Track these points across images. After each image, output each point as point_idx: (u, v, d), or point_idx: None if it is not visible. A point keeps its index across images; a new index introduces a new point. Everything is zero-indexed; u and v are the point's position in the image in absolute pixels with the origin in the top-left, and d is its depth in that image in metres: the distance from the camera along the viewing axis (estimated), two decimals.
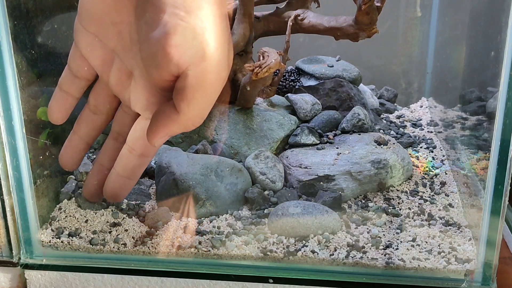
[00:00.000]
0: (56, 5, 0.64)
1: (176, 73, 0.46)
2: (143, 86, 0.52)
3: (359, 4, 0.66)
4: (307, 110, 0.75)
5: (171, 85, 0.48)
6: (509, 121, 0.50)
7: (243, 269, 0.57)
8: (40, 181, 0.61)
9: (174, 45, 0.44)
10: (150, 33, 0.46)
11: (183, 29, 0.44)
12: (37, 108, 0.60)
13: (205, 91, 0.47)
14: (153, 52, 0.46)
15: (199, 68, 0.45)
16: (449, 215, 0.62)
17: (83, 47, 0.52)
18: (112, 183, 0.58)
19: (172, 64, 0.46)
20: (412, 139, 0.80)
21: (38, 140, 0.60)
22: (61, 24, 0.65)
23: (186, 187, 0.62)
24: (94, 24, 0.50)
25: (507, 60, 0.48)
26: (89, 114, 0.58)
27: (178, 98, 0.47)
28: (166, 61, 0.46)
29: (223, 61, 0.47)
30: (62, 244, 0.58)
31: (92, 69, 0.54)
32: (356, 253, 0.56)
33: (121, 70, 0.52)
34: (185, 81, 0.46)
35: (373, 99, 0.90)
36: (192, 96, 0.46)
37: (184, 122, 0.48)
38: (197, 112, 0.48)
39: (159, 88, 0.50)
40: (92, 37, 0.51)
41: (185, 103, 0.47)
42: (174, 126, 0.49)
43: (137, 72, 0.51)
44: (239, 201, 0.65)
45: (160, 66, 0.47)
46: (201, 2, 0.44)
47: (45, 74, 0.62)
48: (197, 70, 0.46)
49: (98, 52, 0.52)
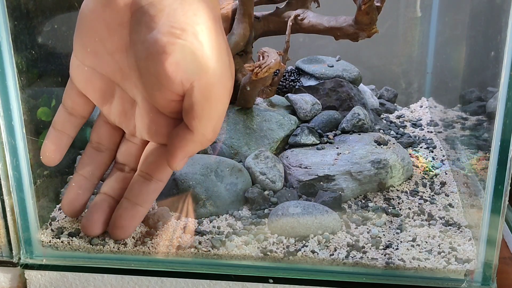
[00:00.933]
0: (56, 5, 0.64)
1: (181, 92, 0.46)
2: (149, 111, 0.51)
3: (359, 4, 0.66)
4: (307, 110, 0.75)
5: (178, 104, 0.48)
6: (509, 121, 0.50)
7: (243, 269, 0.57)
8: (40, 181, 0.61)
9: (174, 64, 0.44)
10: (148, 56, 0.45)
11: (181, 47, 0.44)
12: (37, 108, 0.60)
13: (214, 104, 0.47)
14: (154, 74, 0.46)
15: (203, 83, 0.45)
16: (449, 215, 0.62)
17: (81, 81, 0.52)
18: (123, 213, 0.55)
19: (175, 84, 0.45)
20: (412, 139, 0.80)
21: (38, 140, 0.60)
22: (61, 24, 0.65)
23: (186, 187, 0.62)
24: (90, 57, 0.50)
25: (507, 60, 0.48)
26: (92, 152, 0.57)
27: (188, 117, 0.47)
28: (168, 82, 0.45)
29: (226, 71, 0.46)
30: (62, 244, 0.58)
31: (88, 105, 0.54)
32: (356, 253, 0.56)
33: (123, 99, 0.52)
34: (192, 98, 0.46)
35: (373, 99, 0.90)
36: (202, 111, 0.46)
37: (199, 140, 0.48)
38: (210, 127, 0.48)
39: (165, 110, 0.49)
40: (90, 70, 0.50)
41: (197, 120, 0.47)
42: (191, 146, 0.48)
43: (140, 98, 0.51)
44: (239, 201, 0.65)
45: (163, 87, 0.46)
46: (195, 18, 0.44)
47: (45, 74, 0.62)
48: (202, 85, 0.45)
49: (97, 85, 0.51)
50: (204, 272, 0.57)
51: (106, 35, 0.48)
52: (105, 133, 0.56)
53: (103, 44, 0.48)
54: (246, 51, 0.74)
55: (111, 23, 0.47)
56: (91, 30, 0.48)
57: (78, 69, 0.51)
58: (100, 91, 0.52)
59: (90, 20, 0.48)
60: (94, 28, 0.48)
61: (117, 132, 0.56)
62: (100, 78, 0.51)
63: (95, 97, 0.53)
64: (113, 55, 0.49)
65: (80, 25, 0.49)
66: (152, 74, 0.46)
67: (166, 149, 0.51)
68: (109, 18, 0.47)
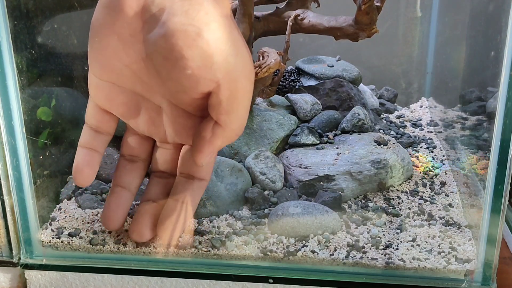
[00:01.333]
0: (56, 5, 0.64)
1: (207, 91, 0.46)
2: (176, 115, 0.50)
3: (359, 4, 0.66)
4: (307, 110, 0.75)
5: (205, 102, 0.48)
6: (509, 121, 0.50)
7: (243, 269, 0.57)
8: (40, 181, 0.61)
9: (195, 67, 0.44)
10: (167, 63, 0.45)
11: (199, 49, 0.43)
12: (37, 108, 0.60)
13: (241, 99, 0.47)
14: (177, 80, 0.45)
15: (228, 79, 0.45)
16: (449, 215, 0.62)
17: (102, 99, 0.51)
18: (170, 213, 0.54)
19: (200, 86, 0.45)
20: (412, 139, 0.80)
21: (38, 140, 0.60)
22: (61, 24, 0.65)
23: None
24: (108, 72, 0.49)
25: (507, 60, 0.48)
26: (126, 164, 0.56)
27: (217, 112, 0.47)
28: (193, 85, 0.45)
29: (247, 63, 0.46)
30: (62, 244, 0.58)
31: (113, 121, 0.53)
32: (356, 253, 0.56)
33: (149, 109, 0.51)
34: (220, 96, 0.46)
35: (373, 99, 0.90)
36: (231, 107, 0.46)
37: (228, 134, 0.48)
38: (239, 121, 0.48)
39: (192, 108, 0.49)
40: (110, 85, 0.49)
41: (225, 115, 0.47)
42: (219, 140, 0.48)
43: (165, 104, 0.50)
44: (239, 201, 0.65)
45: (189, 90, 0.46)
46: (207, 17, 0.44)
47: (45, 74, 0.62)
48: (227, 82, 0.45)
49: (120, 99, 0.51)
50: (204, 272, 0.57)
51: (120, 47, 0.47)
52: (136, 145, 0.55)
53: (119, 57, 0.47)
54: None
55: (123, 35, 0.46)
56: (104, 45, 0.47)
57: (97, 87, 0.50)
58: (124, 105, 0.51)
59: (102, 35, 0.47)
60: (106, 42, 0.47)
61: (148, 141, 0.56)
62: (122, 92, 0.50)
63: (119, 112, 0.52)
64: (130, 66, 0.48)
65: (92, 40, 0.48)
66: (175, 80, 0.46)
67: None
68: (120, 30, 0.46)
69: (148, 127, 0.53)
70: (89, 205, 0.63)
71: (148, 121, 0.52)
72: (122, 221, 0.56)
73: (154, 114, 0.52)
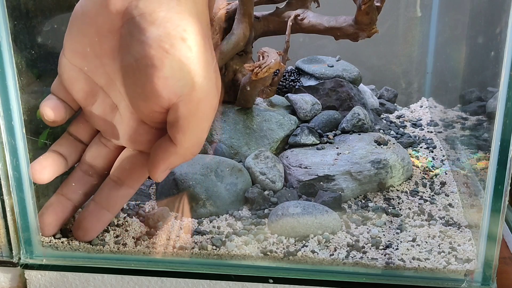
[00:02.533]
0: (56, 5, 0.64)
1: (167, 105, 0.46)
2: (130, 118, 0.51)
3: (359, 4, 0.66)
4: (307, 110, 0.75)
5: (161, 116, 0.48)
6: (509, 121, 0.50)
7: (243, 269, 0.57)
8: None
9: (162, 78, 0.44)
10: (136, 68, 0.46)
11: (169, 61, 0.44)
12: (37, 108, 0.60)
13: (199, 120, 0.47)
14: (141, 86, 0.46)
15: (190, 98, 0.46)
16: (449, 215, 0.62)
17: (67, 79, 0.52)
18: (89, 215, 0.55)
19: (162, 98, 0.46)
20: (412, 139, 0.80)
21: (38, 140, 0.60)
22: (61, 24, 0.65)
23: (186, 187, 0.62)
24: (78, 57, 0.50)
25: (507, 60, 0.48)
26: (70, 138, 0.57)
27: (173, 130, 0.47)
28: (155, 95, 0.46)
29: (213, 88, 0.47)
30: (62, 244, 0.58)
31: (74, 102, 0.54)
32: (356, 253, 0.56)
33: (105, 103, 0.52)
34: (178, 113, 0.46)
35: (373, 99, 0.90)
36: (187, 126, 0.47)
37: (182, 153, 0.49)
38: (194, 141, 0.48)
39: (147, 119, 0.50)
40: (77, 70, 0.51)
41: (181, 134, 0.47)
42: (173, 158, 0.49)
43: (122, 104, 0.51)
44: (239, 201, 0.65)
45: (149, 99, 0.47)
46: (184, 33, 0.44)
47: (45, 74, 0.62)
48: (189, 100, 0.46)
49: (82, 85, 0.52)
50: (204, 272, 0.57)
51: (96, 39, 0.48)
52: (84, 130, 0.56)
53: (92, 47, 0.49)
54: (246, 51, 0.74)
55: (102, 29, 0.47)
56: (82, 32, 0.49)
57: (64, 67, 0.51)
58: (84, 92, 0.52)
59: (82, 23, 0.48)
60: (85, 31, 0.48)
61: (94, 131, 0.56)
62: (85, 80, 0.51)
63: (78, 97, 0.53)
64: (101, 59, 0.49)
65: (71, 25, 0.50)
66: (138, 86, 0.46)
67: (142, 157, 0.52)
68: (100, 23, 0.47)
69: (99, 120, 0.54)
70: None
71: (101, 114, 0.53)
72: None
73: (109, 109, 0.52)
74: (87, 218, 0.56)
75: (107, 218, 0.56)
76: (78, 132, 0.56)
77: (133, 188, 0.56)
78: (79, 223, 0.56)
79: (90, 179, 0.57)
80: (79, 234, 0.57)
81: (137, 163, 0.54)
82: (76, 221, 0.57)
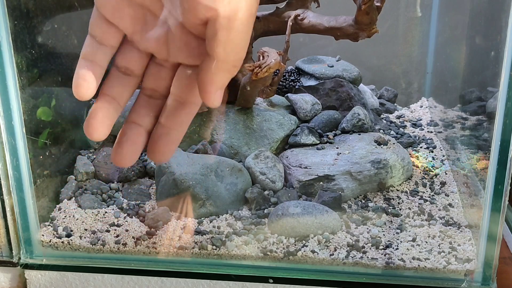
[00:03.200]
0: (56, 5, 0.64)
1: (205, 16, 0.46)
2: (181, 34, 0.51)
3: (359, 4, 0.66)
4: (307, 110, 0.75)
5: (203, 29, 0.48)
6: (509, 121, 0.50)
7: (243, 269, 0.57)
8: (40, 181, 0.61)
9: None
10: None
11: None
12: (37, 108, 0.60)
13: (239, 30, 0.47)
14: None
15: (229, 8, 0.45)
16: (449, 215, 0.62)
17: (109, 10, 0.52)
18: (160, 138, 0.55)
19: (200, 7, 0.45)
20: (412, 139, 0.80)
21: (38, 140, 0.60)
22: (61, 24, 0.65)
23: (186, 187, 0.62)
24: None
25: (507, 60, 0.48)
26: (119, 75, 0.56)
27: (213, 44, 0.47)
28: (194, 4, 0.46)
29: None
30: (62, 244, 0.58)
31: (119, 33, 0.54)
32: (356, 253, 0.56)
33: (155, 24, 0.52)
34: (216, 24, 0.46)
35: (373, 99, 0.90)
36: (227, 38, 0.46)
37: (226, 68, 0.48)
38: (235, 53, 0.48)
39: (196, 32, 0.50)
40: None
41: (221, 47, 0.47)
42: (219, 75, 0.48)
43: (171, 21, 0.51)
44: (239, 201, 0.65)
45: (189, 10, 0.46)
46: None
47: (45, 74, 0.62)
48: (227, 10, 0.45)
49: (126, 12, 0.51)
50: (204, 272, 0.57)
51: None
52: (133, 59, 0.55)
53: None
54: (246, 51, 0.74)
55: None
56: None
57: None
58: (131, 18, 0.52)
59: None
60: None
61: (146, 57, 0.56)
62: (129, 4, 0.51)
63: (125, 25, 0.53)
64: None
65: None
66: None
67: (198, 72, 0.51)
68: None
69: (151, 42, 0.53)
70: (89, 205, 0.63)
71: (153, 36, 0.53)
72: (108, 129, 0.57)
73: (160, 30, 0.52)
74: (159, 141, 0.55)
75: (178, 138, 0.55)
76: (129, 63, 0.56)
77: (195, 104, 0.55)
78: (153, 147, 0.56)
79: (157, 101, 0.56)
80: (155, 157, 0.56)
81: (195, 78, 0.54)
82: (149, 146, 0.56)
